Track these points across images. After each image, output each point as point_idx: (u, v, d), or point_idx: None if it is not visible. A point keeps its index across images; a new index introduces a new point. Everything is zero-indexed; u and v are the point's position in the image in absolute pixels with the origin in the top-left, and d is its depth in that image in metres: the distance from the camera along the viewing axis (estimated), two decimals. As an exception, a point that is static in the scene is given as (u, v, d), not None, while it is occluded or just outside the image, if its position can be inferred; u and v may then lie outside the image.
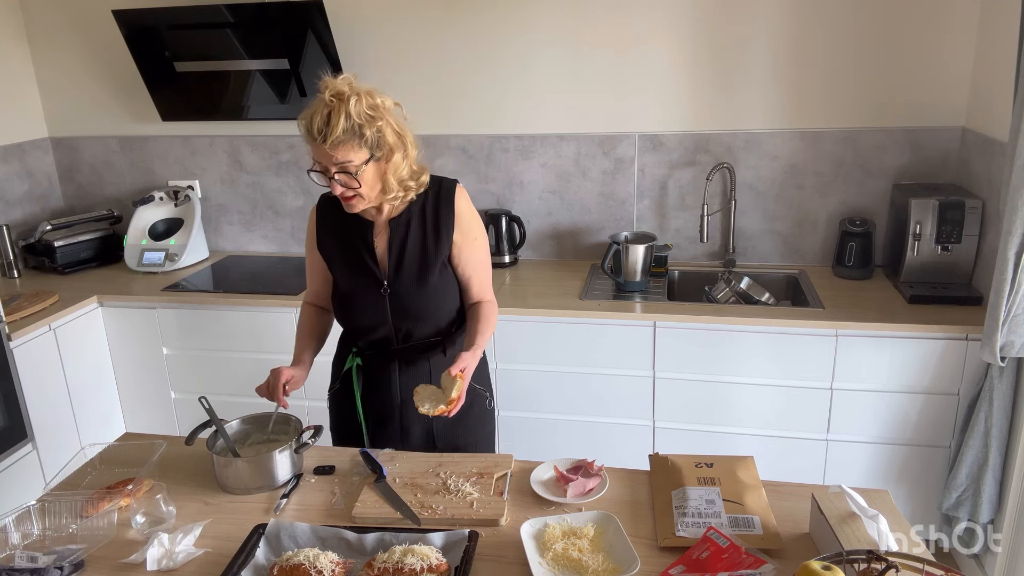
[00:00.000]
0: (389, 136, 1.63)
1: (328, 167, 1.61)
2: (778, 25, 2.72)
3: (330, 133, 1.55)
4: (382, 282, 1.76)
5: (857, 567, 1.18)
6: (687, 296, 2.89)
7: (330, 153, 1.58)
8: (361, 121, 1.58)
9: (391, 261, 1.76)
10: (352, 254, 1.78)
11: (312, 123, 1.57)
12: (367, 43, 2.99)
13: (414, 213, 1.77)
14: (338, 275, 1.81)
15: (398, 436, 1.85)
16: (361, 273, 1.77)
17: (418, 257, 1.76)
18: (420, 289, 1.76)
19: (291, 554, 1.32)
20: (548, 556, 1.33)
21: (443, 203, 1.77)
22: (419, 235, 1.76)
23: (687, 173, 2.94)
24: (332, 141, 1.56)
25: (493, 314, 1.83)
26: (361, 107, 1.57)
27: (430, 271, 1.76)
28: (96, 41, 3.20)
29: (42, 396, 2.65)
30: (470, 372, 1.66)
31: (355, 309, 1.81)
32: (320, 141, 1.57)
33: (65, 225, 3.20)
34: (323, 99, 1.57)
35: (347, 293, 1.80)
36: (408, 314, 1.78)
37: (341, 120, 1.55)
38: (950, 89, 2.67)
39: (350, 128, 1.57)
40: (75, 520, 1.48)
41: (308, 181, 3.24)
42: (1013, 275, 2.05)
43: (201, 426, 1.66)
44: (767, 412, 2.54)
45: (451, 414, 1.61)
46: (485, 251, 1.85)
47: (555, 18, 2.86)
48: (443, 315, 1.82)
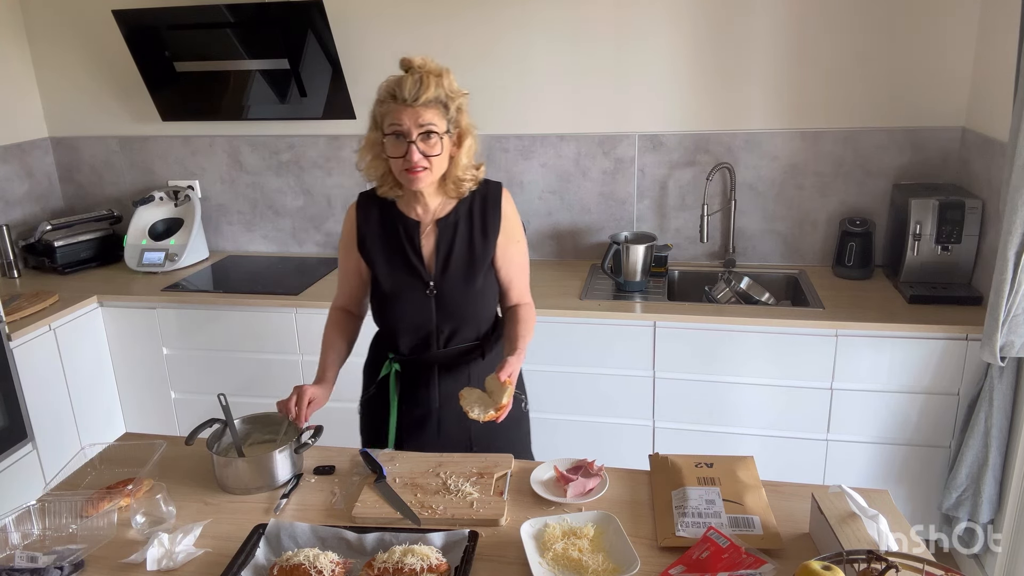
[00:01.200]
0: (465, 118, 1.68)
1: (411, 129, 1.61)
2: (778, 25, 2.72)
3: (421, 93, 1.59)
4: (428, 283, 1.75)
5: (857, 567, 1.18)
6: (687, 296, 2.89)
7: (418, 112, 1.60)
8: (449, 93, 1.63)
9: (438, 262, 1.75)
10: (397, 253, 1.76)
11: (402, 86, 1.60)
12: (367, 43, 2.99)
13: (461, 214, 1.76)
14: (381, 275, 1.78)
15: (435, 440, 1.82)
16: (406, 273, 1.76)
17: (465, 258, 1.75)
18: (467, 290, 1.75)
19: (291, 554, 1.32)
20: (548, 556, 1.33)
21: (490, 205, 1.77)
22: (466, 236, 1.76)
23: (687, 173, 2.94)
24: (424, 101, 1.59)
25: (532, 317, 1.84)
26: (450, 81, 1.64)
27: (477, 273, 1.75)
28: (96, 41, 3.20)
29: (42, 396, 2.65)
30: (515, 377, 1.65)
31: (398, 309, 1.78)
32: (411, 101, 1.59)
33: (65, 225, 3.20)
34: (413, 70, 1.62)
35: (390, 293, 1.77)
36: (453, 316, 1.77)
37: (432, 86, 1.60)
38: (950, 89, 2.68)
39: (439, 97, 1.62)
40: (75, 520, 1.48)
41: (308, 181, 3.24)
42: (1013, 275, 2.05)
43: (201, 426, 1.66)
44: (767, 412, 2.54)
45: (499, 420, 1.61)
46: (526, 255, 1.86)
47: (555, 18, 2.86)
48: (485, 318, 1.82)
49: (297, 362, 2.85)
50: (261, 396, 2.81)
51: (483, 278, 1.77)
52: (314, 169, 3.23)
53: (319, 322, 2.75)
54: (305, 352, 2.83)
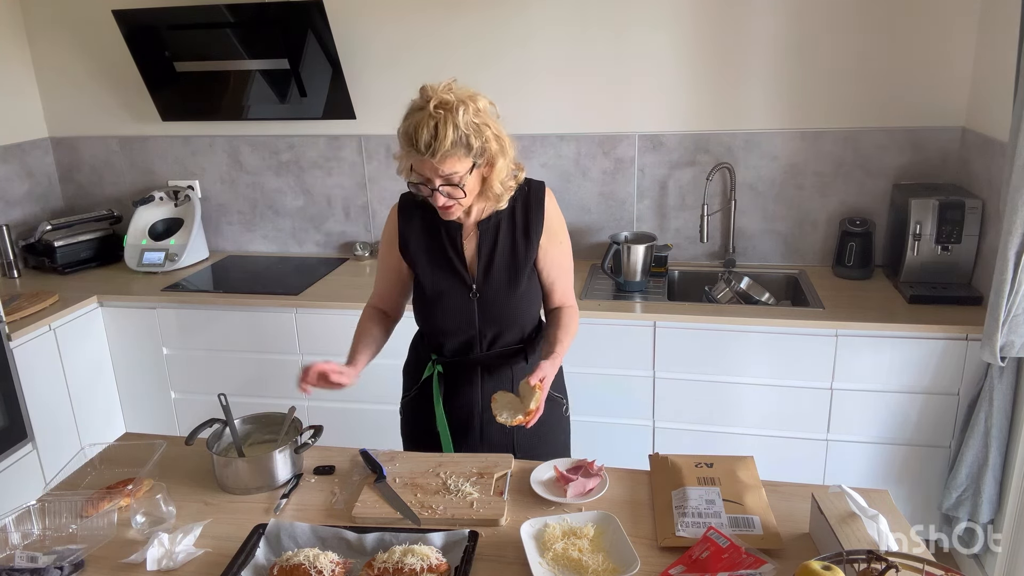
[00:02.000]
0: (492, 144, 1.59)
1: (433, 179, 1.56)
2: (778, 25, 2.72)
3: (439, 147, 1.51)
4: (470, 286, 1.73)
5: (857, 567, 1.18)
6: (687, 296, 2.89)
7: (437, 166, 1.54)
8: (468, 132, 1.53)
9: (480, 264, 1.73)
10: (440, 256, 1.74)
11: (417, 136, 1.51)
12: (367, 43, 2.99)
13: (503, 216, 1.73)
14: (423, 277, 1.76)
15: (477, 443, 1.81)
16: (449, 276, 1.73)
17: (508, 261, 1.73)
18: (510, 294, 1.74)
19: (291, 554, 1.32)
20: (548, 556, 1.33)
21: (533, 206, 1.74)
22: (509, 239, 1.73)
23: (687, 173, 2.94)
24: (441, 155, 1.52)
25: (574, 321, 1.81)
26: (468, 117, 1.53)
27: (520, 275, 1.73)
28: (96, 41, 3.20)
29: (42, 396, 2.65)
30: (549, 382, 1.63)
31: (440, 312, 1.76)
32: (428, 156, 1.52)
33: (65, 225, 3.20)
34: (428, 111, 1.51)
35: (432, 296, 1.75)
36: (496, 319, 1.75)
37: (449, 132, 1.50)
38: (950, 89, 2.68)
39: (458, 140, 1.52)
40: (75, 520, 1.48)
41: (308, 181, 3.24)
42: (1013, 275, 2.05)
43: (201, 426, 1.66)
44: (767, 412, 2.54)
45: (529, 425, 1.59)
46: (569, 255, 1.82)
47: (555, 18, 2.86)
48: (528, 320, 1.80)
49: (297, 362, 2.85)
50: (261, 396, 2.83)
51: (526, 281, 1.75)
52: (314, 169, 3.23)
53: (319, 322, 2.78)
54: (305, 352, 2.83)
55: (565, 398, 1.93)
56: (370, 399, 2.73)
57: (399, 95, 1.68)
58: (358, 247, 3.23)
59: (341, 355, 3.00)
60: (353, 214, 3.26)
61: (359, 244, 3.23)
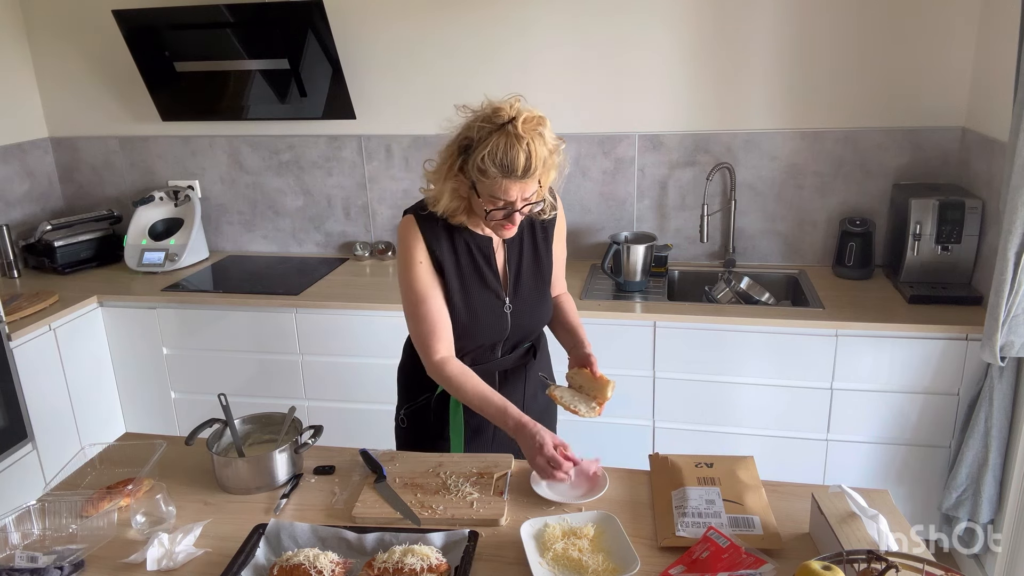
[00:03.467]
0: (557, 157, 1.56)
1: (518, 201, 1.52)
2: (778, 25, 2.72)
3: (534, 168, 1.47)
4: (504, 300, 1.71)
5: (857, 567, 1.18)
6: (687, 296, 2.89)
7: (527, 186, 1.51)
8: (552, 148, 1.51)
9: (511, 277, 1.72)
10: (473, 274, 1.68)
11: (513, 160, 1.45)
12: (367, 43, 2.99)
13: (524, 225, 1.71)
14: (457, 298, 1.66)
15: (490, 444, 1.81)
16: (483, 292, 1.69)
17: (534, 270, 1.74)
18: (539, 303, 1.75)
19: (291, 554, 1.32)
20: (548, 556, 1.33)
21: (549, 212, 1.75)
22: (532, 248, 1.74)
23: (687, 173, 2.94)
24: (535, 175, 1.49)
25: (575, 308, 1.88)
26: (549, 131, 1.51)
27: (546, 283, 1.75)
28: (96, 41, 3.20)
29: (42, 396, 2.65)
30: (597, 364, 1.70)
31: (474, 330, 1.70)
32: (523, 177, 1.47)
33: (65, 225, 3.20)
34: (514, 132, 1.45)
35: (468, 316, 1.68)
36: (524, 327, 1.76)
37: (542, 151, 1.48)
38: (950, 89, 2.67)
39: (547, 157, 1.50)
40: (75, 520, 1.48)
41: (308, 181, 3.24)
42: (1013, 275, 2.05)
43: (201, 426, 1.66)
44: (767, 412, 2.54)
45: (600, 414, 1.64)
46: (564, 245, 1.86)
47: (555, 18, 2.86)
48: (547, 321, 1.83)
49: (297, 362, 2.85)
50: (261, 396, 2.84)
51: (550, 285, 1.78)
52: (314, 169, 3.23)
53: (319, 322, 2.78)
54: (305, 352, 2.83)
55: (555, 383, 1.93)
56: (370, 399, 2.74)
57: (399, 95, 1.68)
58: (358, 247, 3.23)
59: (341, 355, 3.01)
60: (353, 214, 3.26)
61: (359, 244, 3.23)
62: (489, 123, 1.48)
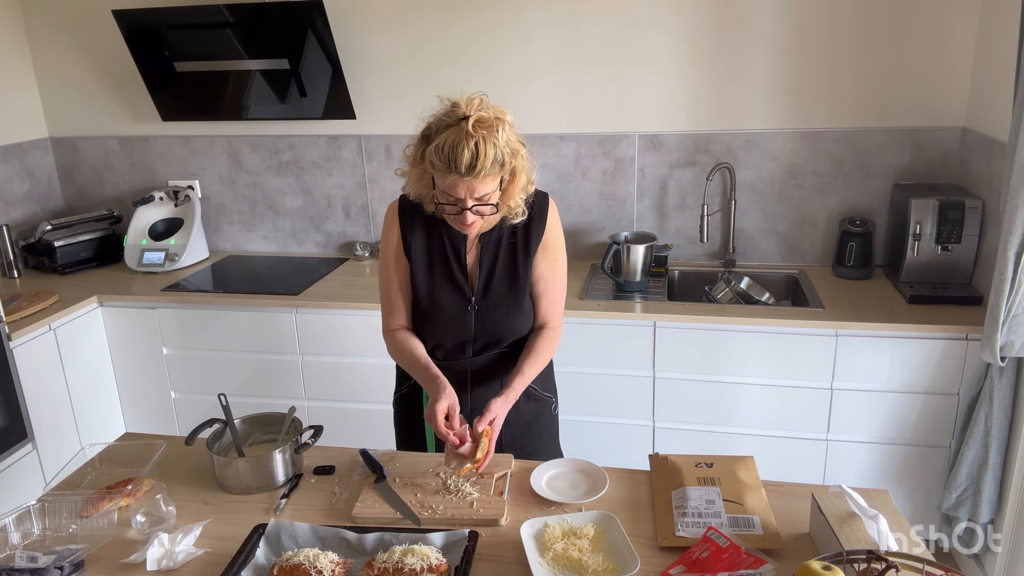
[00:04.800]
0: (521, 162, 1.56)
1: (467, 199, 1.53)
2: (778, 25, 2.72)
3: (480, 167, 1.47)
4: (469, 299, 1.70)
5: (857, 567, 1.18)
6: (687, 296, 2.89)
7: (475, 186, 1.51)
8: (506, 151, 1.50)
9: (481, 278, 1.70)
10: (440, 265, 1.70)
11: (457, 156, 1.46)
12: (367, 43, 2.99)
13: (505, 229, 1.70)
14: (420, 283, 1.71)
15: None
16: (447, 285, 1.70)
17: (508, 277, 1.70)
18: (510, 310, 1.71)
19: (291, 554, 1.32)
20: (548, 556, 1.34)
21: (536, 218, 1.71)
22: (509, 254, 1.71)
23: (687, 173, 2.94)
24: (481, 175, 1.48)
25: (548, 348, 1.75)
26: (506, 135, 1.50)
27: (521, 294, 1.71)
28: (96, 41, 3.20)
29: (42, 396, 2.65)
30: (500, 423, 1.59)
31: (435, 322, 1.72)
32: (467, 175, 1.48)
33: (65, 225, 3.20)
34: (465, 129, 1.46)
35: (429, 305, 1.71)
36: (492, 331, 1.73)
37: (491, 152, 1.47)
38: (950, 89, 2.67)
39: (496, 159, 1.48)
40: (75, 520, 1.48)
41: (308, 181, 3.24)
42: (1013, 275, 2.05)
43: (201, 426, 1.66)
44: (767, 412, 2.54)
45: (480, 470, 1.55)
46: (562, 273, 1.78)
47: (555, 18, 2.85)
48: (523, 329, 1.77)
49: (297, 362, 2.85)
50: (261, 396, 2.84)
51: (526, 299, 1.73)
52: (314, 169, 3.23)
53: (319, 322, 2.78)
54: (305, 352, 2.83)
55: (554, 397, 1.93)
56: (370, 399, 2.74)
57: (399, 95, 1.68)
58: (358, 247, 3.23)
59: (341, 355, 3.01)
60: (353, 214, 3.26)
61: (359, 244, 3.23)
62: (447, 117, 1.51)
